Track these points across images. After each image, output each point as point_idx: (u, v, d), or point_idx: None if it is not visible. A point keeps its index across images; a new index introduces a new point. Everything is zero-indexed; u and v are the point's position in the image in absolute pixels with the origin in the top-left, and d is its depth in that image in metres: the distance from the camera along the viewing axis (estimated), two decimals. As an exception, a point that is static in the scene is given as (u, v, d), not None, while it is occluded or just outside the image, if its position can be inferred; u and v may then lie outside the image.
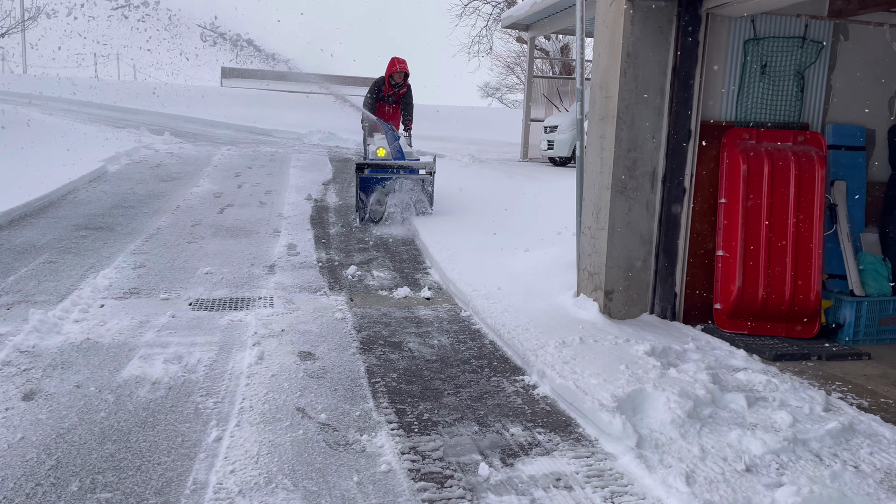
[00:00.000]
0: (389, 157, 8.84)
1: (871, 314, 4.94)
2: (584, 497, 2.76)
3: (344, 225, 8.75)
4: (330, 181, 11.88)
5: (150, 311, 5.13)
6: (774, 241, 4.89)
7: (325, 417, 3.43)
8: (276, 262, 6.79)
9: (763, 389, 3.80)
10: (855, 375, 4.28)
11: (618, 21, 4.87)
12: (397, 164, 8.58)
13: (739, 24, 5.00)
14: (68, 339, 4.47)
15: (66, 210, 8.83)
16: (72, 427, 3.26)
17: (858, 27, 5.16)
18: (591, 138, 5.30)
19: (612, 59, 4.94)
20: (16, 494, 2.69)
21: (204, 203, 9.72)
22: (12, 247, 6.92)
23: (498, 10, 25.62)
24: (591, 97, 5.29)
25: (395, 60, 9.48)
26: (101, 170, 11.58)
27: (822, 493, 2.64)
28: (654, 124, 4.96)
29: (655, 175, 5.01)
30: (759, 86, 5.09)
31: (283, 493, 2.72)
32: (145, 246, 7.20)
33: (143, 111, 21.83)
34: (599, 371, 3.81)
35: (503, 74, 35.20)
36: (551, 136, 15.09)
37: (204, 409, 3.49)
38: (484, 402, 3.70)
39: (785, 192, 4.91)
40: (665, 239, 5.06)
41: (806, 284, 4.87)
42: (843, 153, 5.25)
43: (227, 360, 4.20)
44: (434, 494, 2.75)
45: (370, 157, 9.07)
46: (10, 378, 3.81)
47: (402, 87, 9.60)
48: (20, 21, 20.48)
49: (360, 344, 4.59)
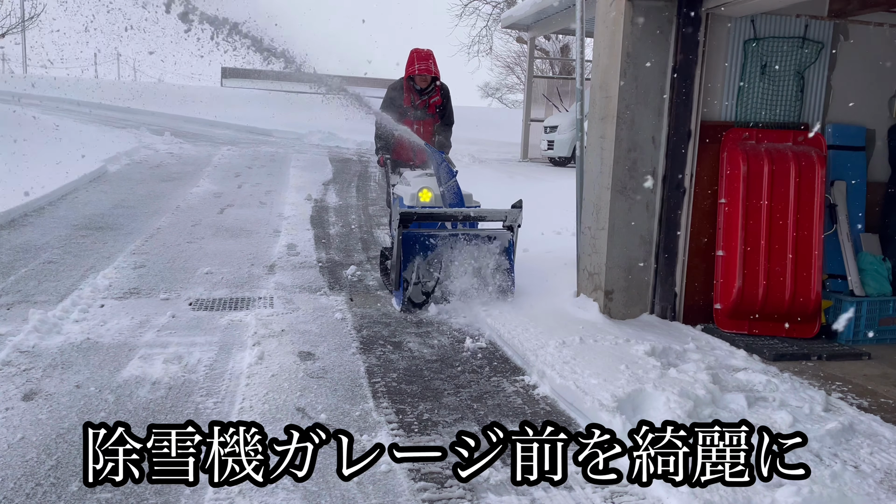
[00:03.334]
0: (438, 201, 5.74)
1: (871, 314, 4.94)
2: (584, 497, 2.76)
3: (344, 225, 8.76)
4: (330, 181, 11.89)
5: (150, 311, 5.13)
6: (774, 241, 4.89)
7: (325, 417, 3.43)
8: (276, 262, 6.79)
9: (763, 389, 3.80)
10: (855, 375, 4.28)
11: (618, 21, 4.87)
12: (462, 215, 5.37)
13: (739, 24, 5.00)
14: (68, 339, 4.47)
15: (67, 210, 8.84)
16: (72, 427, 3.25)
17: (858, 27, 5.16)
18: (591, 138, 5.30)
19: (612, 59, 4.94)
20: (16, 494, 2.68)
21: (204, 203, 9.72)
22: (12, 247, 6.92)
23: (498, 11, 25.61)
24: (591, 97, 5.29)
25: (416, 55, 6.18)
26: (102, 170, 11.59)
27: (822, 493, 2.64)
28: (654, 124, 4.96)
29: (655, 175, 5.01)
30: (759, 86, 5.09)
31: (284, 493, 2.72)
32: (145, 246, 7.20)
33: (143, 111, 21.83)
34: (599, 371, 3.81)
35: (503, 74, 35.22)
36: (551, 136, 15.10)
37: (204, 409, 3.49)
38: (484, 402, 3.70)
39: (785, 193, 4.91)
40: (665, 239, 5.06)
41: (806, 284, 4.86)
42: (843, 153, 5.25)
43: (227, 360, 4.20)
44: (434, 494, 2.75)
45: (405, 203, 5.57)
46: (10, 378, 3.81)
47: (434, 93, 6.29)
48: (20, 21, 20.48)
49: (360, 344, 4.59)
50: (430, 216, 5.41)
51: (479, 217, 5.48)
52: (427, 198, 5.75)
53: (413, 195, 5.74)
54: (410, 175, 6.13)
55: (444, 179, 5.67)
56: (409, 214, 5.23)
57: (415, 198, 5.73)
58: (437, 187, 5.74)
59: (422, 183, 5.87)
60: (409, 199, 5.72)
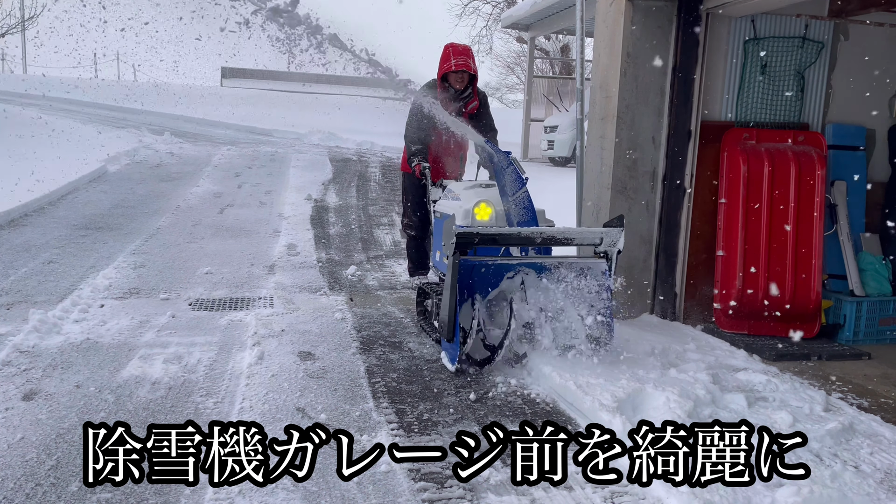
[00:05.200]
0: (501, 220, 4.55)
1: (872, 314, 4.94)
2: (584, 497, 2.76)
3: (344, 225, 8.75)
4: (330, 181, 11.87)
5: (150, 311, 5.12)
6: (774, 241, 4.89)
7: (325, 418, 3.42)
8: (276, 262, 6.78)
9: (763, 389, 3.80)
10: (855, 375, 4.28)
11: (618, 21, 4.87)
12: (541, 237, 3.97)
13: (739, 23, 5.00)
14: (68, 339, 4.47)
15: (67, 210, 8.83)
16: (72, 427, 3.25)
17: (858, 27, 5.16)
18: (591, 138, 5.29)
19: (612, 59, 4.94)
20: (16, 494, 2.68)
21: (204, 203, 9.72)
22: (12, 247, 6.92)
23: (498, 10, 25.61)
24: (591, 97, 5.29)
25: (452, 50, 5.17)
26: (101, 170, 11.58)
27: (822, 493, 2.64)
28: (654, 124, 4.96)
29: (655, 175, 5.01)
30: (759, 86, 5.09)
31: (283, 493, 2.72)
32: (145, 246, 7.20)
33: (143, 111, 21.83)
34: (599, 371, 3.80)
35: (503, 74, 35.18)
36: (551, 136, 15.10)
37: (204, 410, 3.48)
38: (484, 402, 3.69)
39: (785, 193, 4.91)
40: (665, 239, 5.06)
41: (806, 284, 4.87)
42: (843, 153, 5.25)
43: (226, 360, 4.20)
44: (434, 494, 2.75)
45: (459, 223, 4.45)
46: (10, 378, 3.81)
47: (472, 98, 5.34)
48: (20, 21, 20.48)
49: (360, 344, 4.59)
50: (498, 239, 3.98)
51: (566, 240, 4.04)
52: (486, 215, 4.49)
53: (467, 212, 4.48)
54: (458, 186, 4.87)
55: (510, 190, 4.38)
56: (469, 236, 3.79)
57: (469, 215, 4.47)
58: (501, 201, 4.52)
59: (477, 196, 4.59)
60: (462, 218, 4.47)
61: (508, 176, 4.41)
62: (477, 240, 3.82)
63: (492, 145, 4.69)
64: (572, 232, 4.06)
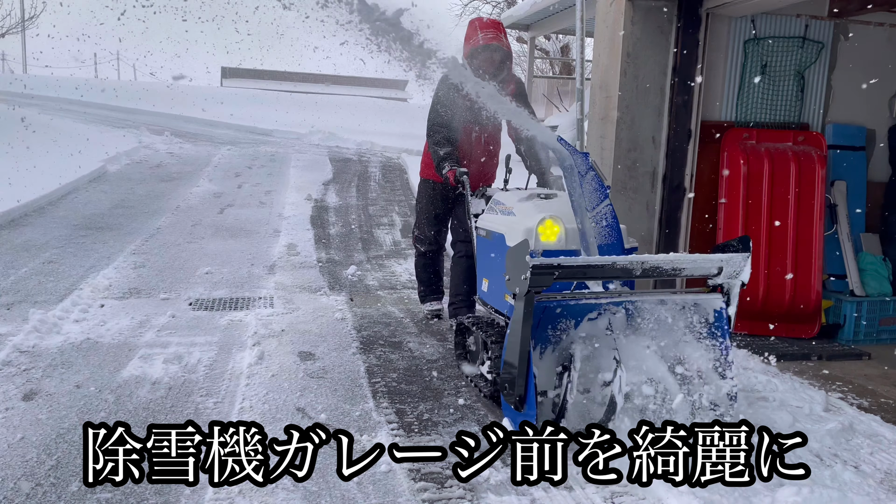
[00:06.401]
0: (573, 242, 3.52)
1: (872, 314, 4.94)
2: (584, 497, 2.76)
3: (344, 225, 8.75)
4: (330, 181, 11.87)
5: (150, 311, 5.12)
6: (774, 241, 4.89)
7: (325, 417, 3.42)
8: (276, 262, 6.78)
9: (763, 389, 3.80)
10: (855, 375, 4.28)
11: (618, 21, 4.87)
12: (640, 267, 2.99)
13: (739, 24, 5.00)
14: (68, 339, 4.47)
15: (66, 210, 8.83)
16: (72, 427, 3.25)
17: (858, 27, 5.16)
18: (591, 138, 5.30)
19: (612, 59, 4.94)
20: (16, 494, 2.68)
21: (204, 203, 9.72)
22: (12, 247, 6.92)
23: (498, 11, 25.62)
24: (591, 97, 5.29)
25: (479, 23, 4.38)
26: (101, 170, 11.57)
27: (822, 493, 2.64)
28: (654, 124, 4.96)
29: (655, 175, 5.01)
30: (759, 86, 5.09)
31: (284, 493, 2.72)
32: (145, 246, 7.20)
33: (143, 111, 21.80)
34: (599, 371, 3.80)
35: (503, 74, 35.17)
36: (551, 136, 15.08)
37: (204, 410, 3.48)
38: (485, 402, 3.69)
39: (785, 193, 4.91)
40: (665, 239, 5.06)
41: (806, 284, 4.87)
42: (843, 153, 5.25)
43: (226, 360, 4.20)
44: (434, 494, 2.75)
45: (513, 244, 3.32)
46: (10, 378, 3.81)
47: (509, 80, 4.45)
48: (20, 21, 20.47)
49: (360, 344, 4.59)
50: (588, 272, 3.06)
51: (674, 271, 3.07)
52: (554, 235, 3.49)
53: (529, 231, 3.48)
54: (508, 197, 3.89)
55: (589, 202, 3.38)
56: (549, 268, 2.84)
57: (532, 235, 3.47)
58: (575, 217, 3.45)
59: (539, 210, 3.61)
60: (524, 234, 3.49)
61: (588, 184, 3.40)
62: (557, 273, 2.88)
63: (566, 144, 3.46)
64: (682, 260, 3.09)
